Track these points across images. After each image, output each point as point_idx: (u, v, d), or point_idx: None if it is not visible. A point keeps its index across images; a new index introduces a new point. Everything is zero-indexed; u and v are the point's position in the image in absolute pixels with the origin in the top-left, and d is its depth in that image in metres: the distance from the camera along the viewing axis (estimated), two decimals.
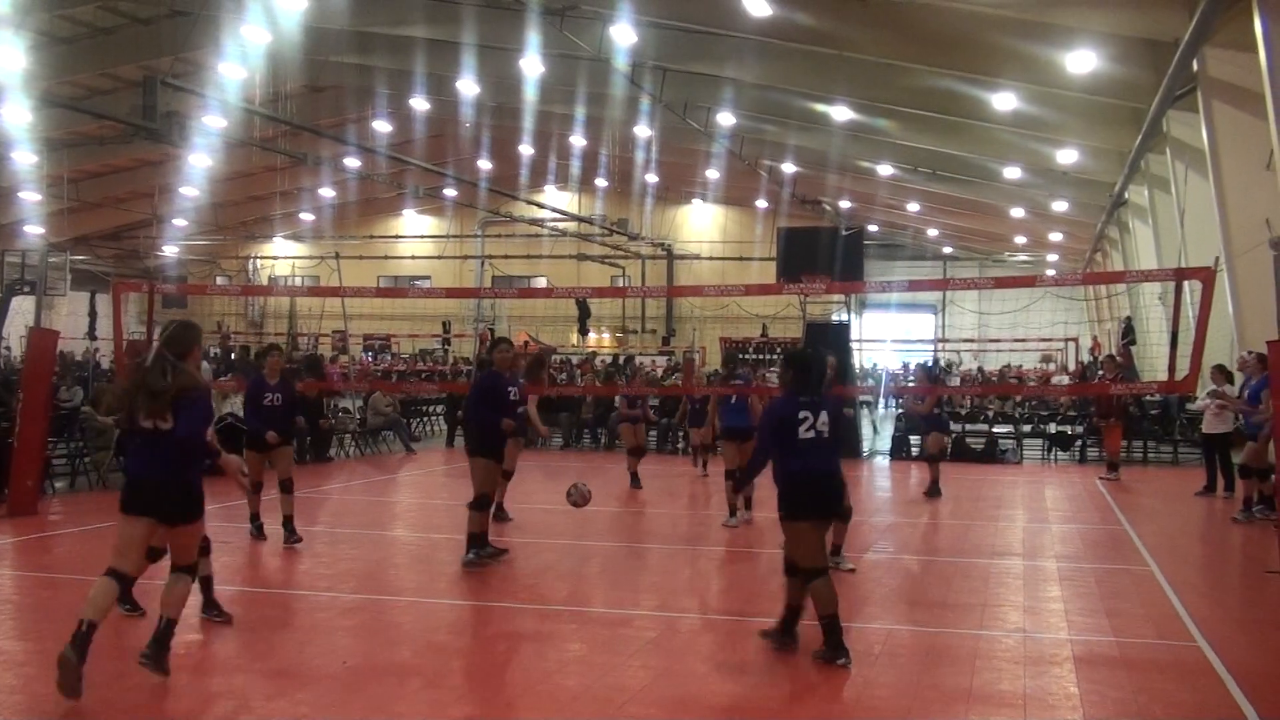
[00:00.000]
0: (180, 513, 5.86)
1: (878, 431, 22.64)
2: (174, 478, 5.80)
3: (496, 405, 9.00)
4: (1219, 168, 15.86)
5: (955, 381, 28.82)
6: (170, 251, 44.64)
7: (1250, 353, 12.94)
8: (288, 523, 9.88)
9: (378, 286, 34.03)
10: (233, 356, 28.99)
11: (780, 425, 6.43)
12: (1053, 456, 19.75)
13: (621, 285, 39.99)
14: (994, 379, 30.25)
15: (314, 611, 7.55)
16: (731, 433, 11.64)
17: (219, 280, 41.90)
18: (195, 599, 7.99)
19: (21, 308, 23.64)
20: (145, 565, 6.14)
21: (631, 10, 19.22)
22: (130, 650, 6.49)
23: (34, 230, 35.39)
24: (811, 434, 6.40)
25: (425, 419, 24.61)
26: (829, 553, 8.85)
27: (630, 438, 15.45)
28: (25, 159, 29.38)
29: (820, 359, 7.07)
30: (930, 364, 16.78)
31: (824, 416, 6.43)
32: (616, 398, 19.30)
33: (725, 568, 9.85)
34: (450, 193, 38.98)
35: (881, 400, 31.06)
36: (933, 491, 13.97)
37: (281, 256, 47.07)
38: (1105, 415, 17.07)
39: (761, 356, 23.70)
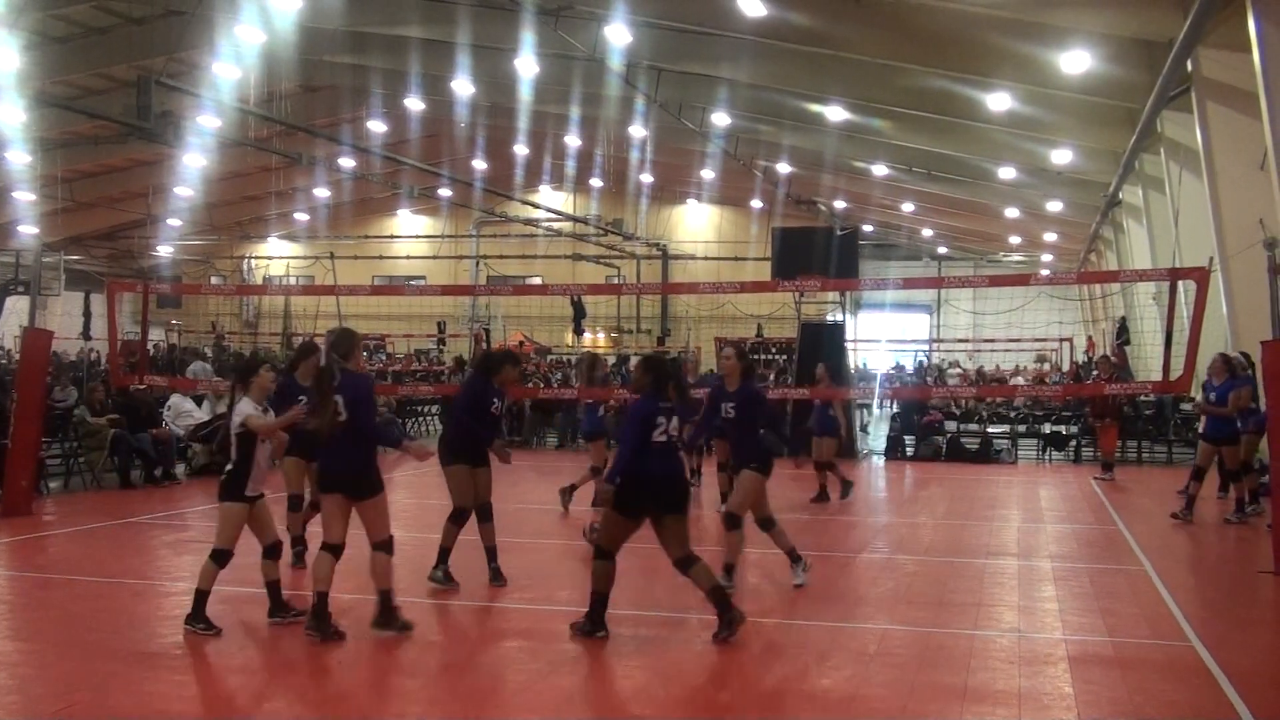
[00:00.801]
0: (365, 489, 6.80)
1: (867, 432, 22.68)
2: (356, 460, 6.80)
3: (479, 415, 8.42)
4: (1213, 168, 15.89)
5: (954, 383, 28.83)
6: (165, 251, 44.51)
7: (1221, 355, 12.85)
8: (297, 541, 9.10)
9: (372, 285, 33.96)
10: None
11: (643, 425, 6.77)
12: (1048, 457, 19.78)
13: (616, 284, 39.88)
14: (977, 380, 30.16)
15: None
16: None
17: (214, 280, 41.80)
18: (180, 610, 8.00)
19: (16, 308, 23.56)
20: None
21: (626, 10, 19.20)
22: (123, 652, 6.49)
23: (28, 230, 35.26)
24: (664, 438, 6.79)
25: (420, 419, 24.60)
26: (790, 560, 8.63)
27: None
28: (19, 159, 29.29)
29: (675, 367, 7.41)
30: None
31: (675, 421, 6.87)
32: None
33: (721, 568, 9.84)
34: (445, 193, 38.93)
35: (877, 401, 31.06)
36: (821, 496, 13.46)
37: (276, 256, 46.95)
38: (1100, 415, 17.10)
39: (756, 357, 23.71)
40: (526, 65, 22.86)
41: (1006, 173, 26.89)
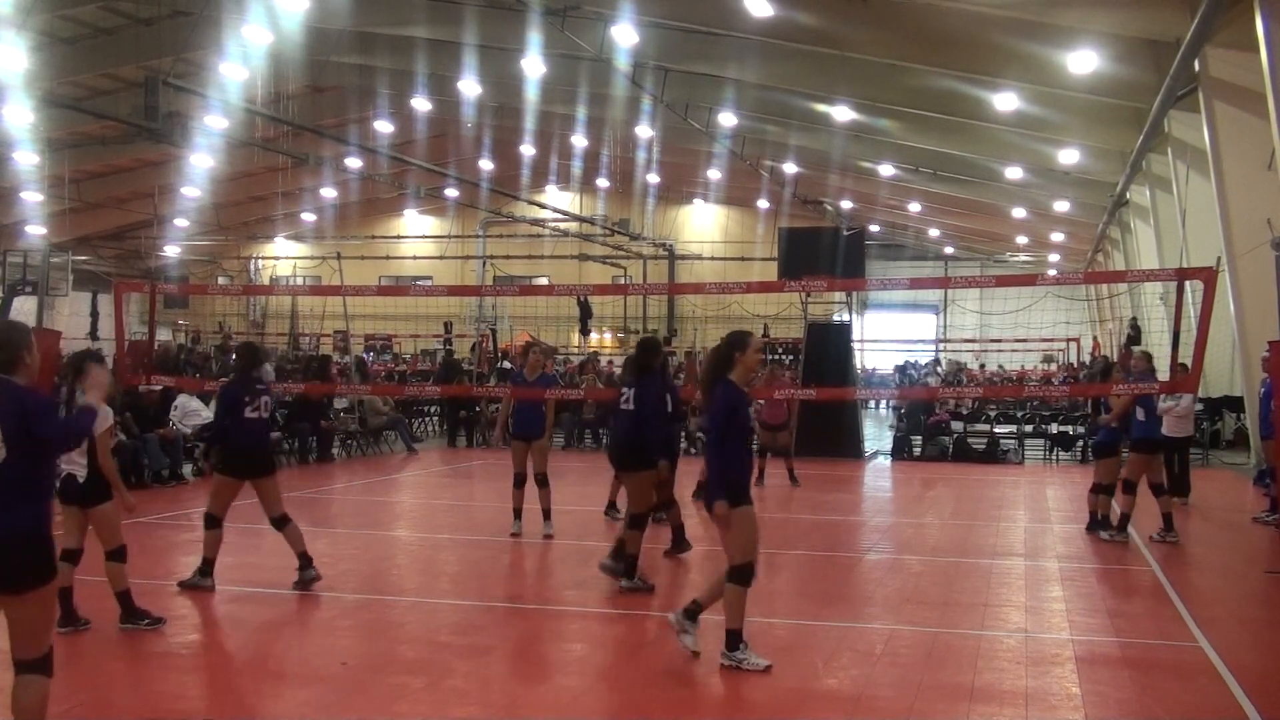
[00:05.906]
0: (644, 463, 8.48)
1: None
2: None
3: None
4: (1220, 168, 15.85)
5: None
6: (172, 252, 44.60)
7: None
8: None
9: (379, 285, 33.96)
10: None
11: (235, 404, 8.12)
12: (1054, 457, 19.74)
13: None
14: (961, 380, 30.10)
15: (315, 611, 7.55)
16: None
17: (220, 280, 41.87)
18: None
19: (23, 308, 23.67)
20: None
21: (633, 10, 19.21)
22: (129, 651, 6.51)
23: (36, 231, 35.32)
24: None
25: (425, 419, 24.61)
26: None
27: None
28: (27, 159, 29.33)
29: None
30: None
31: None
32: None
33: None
34: (452, 193, 38.95)
35: (884, 401, 31.07)
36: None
37: (283, 257, 47.03)
38: None
39: (762, 356, 23.62)
40: (533, 65, 22.86)
41: (1013, 173, 26.85)
